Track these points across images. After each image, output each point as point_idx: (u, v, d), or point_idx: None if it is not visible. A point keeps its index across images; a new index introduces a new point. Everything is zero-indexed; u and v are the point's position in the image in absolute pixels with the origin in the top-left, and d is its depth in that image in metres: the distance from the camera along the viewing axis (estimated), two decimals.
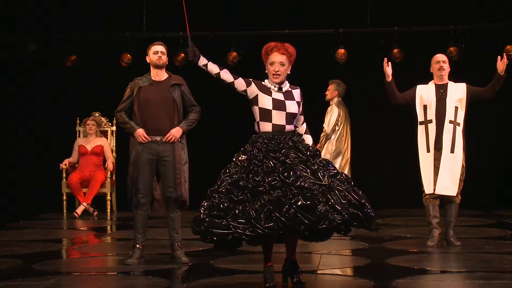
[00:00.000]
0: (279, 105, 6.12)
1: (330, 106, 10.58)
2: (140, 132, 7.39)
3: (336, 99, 10.56)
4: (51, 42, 12.41)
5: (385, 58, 8.45)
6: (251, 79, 6.21)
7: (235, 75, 6.22)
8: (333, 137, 10.43)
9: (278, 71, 6.15)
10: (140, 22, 12.06)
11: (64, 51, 12.31)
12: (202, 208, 5.94)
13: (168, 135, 7.40)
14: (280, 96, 6.15)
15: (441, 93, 8.31)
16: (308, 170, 5.89)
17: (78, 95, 12.27)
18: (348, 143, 10.56)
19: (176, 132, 7.43)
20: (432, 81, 8.42)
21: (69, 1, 11.83)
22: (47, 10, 11.90)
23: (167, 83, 7.51)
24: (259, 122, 6.15)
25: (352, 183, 5.94)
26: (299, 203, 5.70)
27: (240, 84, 6.19)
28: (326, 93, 10.61)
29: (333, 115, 10.48)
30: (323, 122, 10.41)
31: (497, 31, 11.73)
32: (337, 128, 10.50)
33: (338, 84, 10.51)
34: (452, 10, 11.68)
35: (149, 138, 7.39)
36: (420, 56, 9.23)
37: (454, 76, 8.46)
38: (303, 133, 6.33)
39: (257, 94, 6.16)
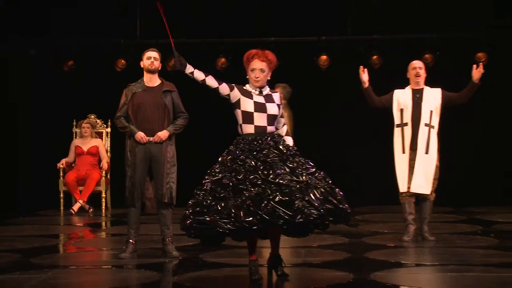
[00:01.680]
0: (260, 107, 6.15)
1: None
2: (141, 135, 7.41)
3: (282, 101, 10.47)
4: (50, 48, 12.37)
5: (361, 66, 8.47)
6: (233, 84, 6.25)
7: (219, 80, 6.26)
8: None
9: (258, 77, 6.19)
10: (134, 29, 12.05)
11: (61, 57, 12.30)
12: (188, 205, 6.00)
13: (155, 137, 7.42)
14: (261, 99, 6.19)
15: (417, 97, 8.33)
16: (287, 169, 5.92)
17: (75, 99, 12.24)
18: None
19: (162, 134, 7.46)
20: (409, 86, 8.44)
21: (67, 9, 11.79)
22: (46, 17, 11.87)
23: (160, 89, 7.53)
24: (242, 124, 6.17)
25: (330, 181, 5.98)
26: (277, 198, 5.74)
27: (224, 89, 6.23)
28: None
29: (289, 119, 10.43)
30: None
31: (469, 39, 11.78)
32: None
33: (284, 88, 10.47)
34: (427, 19, 11.72)
35: (148, 138, 7.41)
36: (398, 63, 9.25)
37: (430, 82, 8.48)
38: (283, 134, 6.36)
39: (239, 98, 6.19)
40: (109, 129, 12.04)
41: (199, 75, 6.26)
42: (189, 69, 6.27)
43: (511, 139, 11.97)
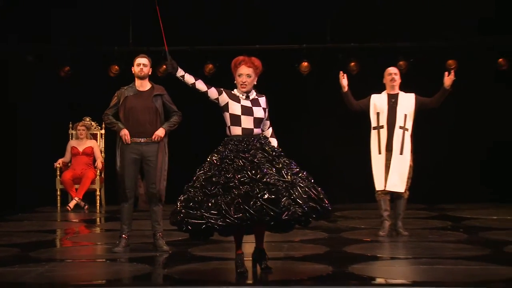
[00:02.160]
0: (247, 111, 6.16)
1: None
2: (125, 132, 7.40)
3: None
4: (48, 54, 12.35)
5: (341, 72, 8.48)
6: (222, 89, 6.26)
7: (209, 85, 6.27)
8: None
9: (245, 82, 6.20)
10: (127, 37, 12.03)
11: (58, 63, 12.28)
12: (179, 201, 6.01)
13: (154, 136, 7.41)
14: (247, 103, 6.19)
15: (392, 102, 8.36)
16: (273, 168, 5.93)
17: (71, 102, 12.21)
18: None
19: (160, 132, 7.46)
20: (385, 91, 8.46)
21: (65, 18, 11.77)
22: (44, 25, 11.84)
23: (150, 93, 7.53)
24: (230, 126, 6.18)
25: (312, 180, 5.99)
26: (265, 196, 5.75)
27: (212, 93, 6.24)
28: None
29: None
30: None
31: (440, 47, 11.83)
32: None
33: None
34: (402, 29, 11.75)
35: (129, 141, 7.39)
36: (374, 69, 9.28)
37: (404, 87, 8.51)
38: (269, 136, 6.37)
39: (228, 102, 6.20)
40: (103, 131, 12.02)
41: (189, 78, 6.28)
42: (180, 72, 6.29)
43: (480, 142, 12.02)
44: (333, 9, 11.64)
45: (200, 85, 6.27)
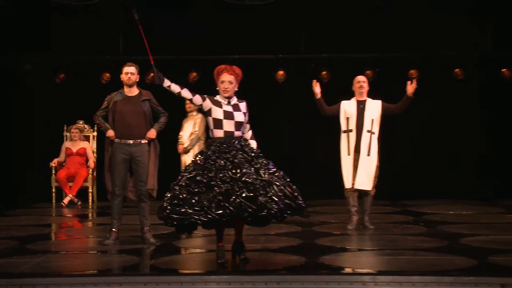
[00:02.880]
0: (228, 115, 6.17)
1: (197, 115, 10.45)
2: (111, 133, 7.41)
3: (196, 110, 10.50)
4: (44, 62, 12.31)
5: (314, 80, 8.51)
6: (205, 96, 6.26)
7: (193, 92, 6.27)
8: (201, 139, 10.46)
9: (227, 88, 6.20)
10: (117, 46, 12.00)
11: (54, 70, 12.25)
12: (165, 198, 6.00)
13: (146, 138, 7.44)
14: (229, 108, 6.20)
15: (360, 107, 8.39)
16: (252, 168, 5.94)
17: (65, 106, 12.18)
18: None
19: (151, 133, 7.46)
20: (354, 97, 8.48)
21: (60, 30, 11.73)
22: (43, 36, 11.81)
23: (138, 99, 7.51)
24: (213, 129, 6.19)
25: (288, 179, 6.01)
26: (244, 194, 5.76)
27: (197, 100, 6.25)
28: (190, 105, 10.41)
29: (202, 122, 10.46)
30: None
31: (402, 58, 11.90)
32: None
33: None
34: (369, 41, 11.81)
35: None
36: (344, 77, 9.31)
37: (371, 94, 8.55)
38: (249, 138, 6.37)
39: (211, 107, 6.21)
40: (95, 133, 12.01)
41: (175, 88, 6.28)
42: (166, 83, 6.28)
43: (438, 145, 12.10)
44: (306, 23, 11.67)
45: (186, 93, 6.28)
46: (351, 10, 11.30)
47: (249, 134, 6.42)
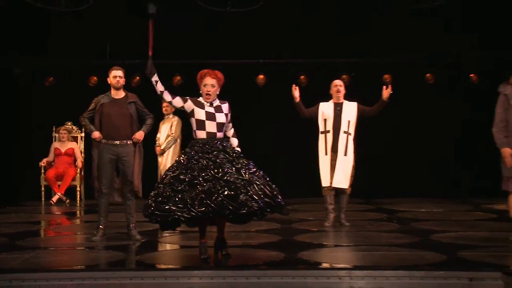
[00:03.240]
0: (210, 116, 6.16)
1: (173, 118, 10.53)
2: (97, 135, 7.39)
3: (172, 113, 10.56)
4: (34, 66, 12.26)
5: (293, 84, 8.54)
6: (187, 97, 6.26)
7: (173, 95, 6.29)
8: (178, 141, 10.49)
9: (209, 91, 6.21)
10: (104, 51, 11.96)
11: (43, 74, 12.21)
12: (150, 196, 6.01)
13: (134, 138, 7.42)
14: (211, 110, 6.20)
15: (337, 110, 8.41)
16: (233, 168, 5.94)
17: (54, 108, 12.13)
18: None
19: (139, 135, 7.46)
20: (331, 100, 8.51)
21: (50, 35, 11.68)
22: (33, 40, 11.76)
23: (125, 101, 7.50)
24: (196, 130, 6.18)
25: (267, 179, 6.02)
26: (225, 193, 5.76)
27: (177, 102, 6.25)
28: (166, 108, 10.49)
29: (178, 124, 10.52)
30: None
31: (377, 63, 11.96)
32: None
33: None
34: (345, 47, 11.85)
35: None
36: (322, 81, 9.34)
37: (348, 97, 8.58)
38: (231, 136, 6.37)
39: (193, 109, 6.20)
40: (83, 134, 11.96)
41: (159, 87, 6.30)
42: (155, 77, 6.30)
43: (410, 147, 12.17)
44: (286, 30, 11.69)
45: (167, 96, 6.29)
46: (328, 19, 11.34)
47: (231, 132, 6.42)
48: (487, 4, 10.71)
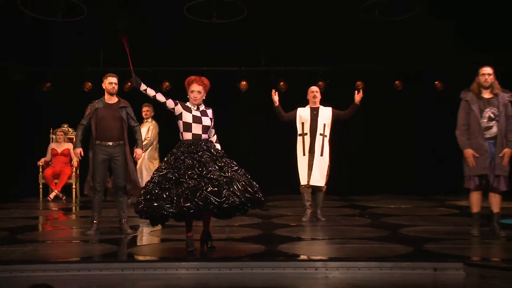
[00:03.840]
0: (197, 120, 6.16)
1: (150, 122, 10.60)
2: (77, 152, 7.49)
3: (151, 117, 10.59)
4: (32, 73, 12.20)
5: (273, 90, 8.55)
6: (177, 101, 6.25)
7: (166, 97, 6.27)
8: (154, 143, 10.51)
9: (196, 97, 6.21)
10: (98, 59, 11.92)
11: (41, 80, 12.16)
12: (140, 194, 5.98)
13: (137, 156, 7.57)
14: (198, 114, 6.20)
15: (314, 114, 8.43)
16: (217, 166, 5.94)
17: (52, 112, 12.08)
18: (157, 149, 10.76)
19: (140, 152, 7.60)
20: (308, 105, 8.52)
21: (47, 43, 11.61)
22: (32, 48, 11.70)
23: (117, 106, 7.50)
24: (183, 132, 6.17)
25: (249, 176, 6.02)
26: (209, 189, 5.76)
27: (170, 103, 6.24)
28: (146, 112, 10.55)
29: (155, 128, 10.59)
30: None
31: (350, 71, 12.01)
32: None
33: (149, 106, 10.55)
34: (321, 55, 11.89)
35: (79, 157, 7.53)
36: (299, 88, 9.35)
37: (323, 102, 8.60)
38: (214, 142, 6.38)
39: (181, 112, 6.19)
40: None
41: (151, 92, 6.27)
42: (143, 87, 6.28)
43: (382, 146, 12.23)
44: (267, 39, 11.72)
45: (160, 97, 6.27)
46: (306, 29, 11.36)
47: (214, 138, 6.42)
48: (452, 16, 10.79)
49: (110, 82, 7.48)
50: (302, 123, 8.44)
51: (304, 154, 8.40)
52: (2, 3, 9.85)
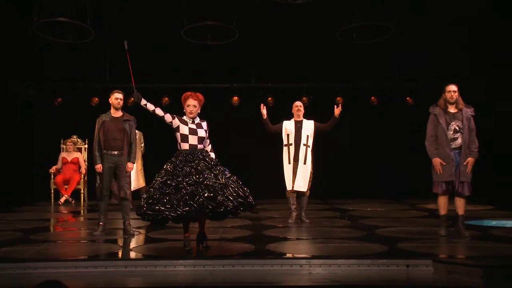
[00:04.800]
0: (193, 131, 6.16)
1: (137, 133, 10.55)
2: (97, 166, 7.37)
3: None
4: (44, 89, 12.18)
5: (262, 104, 8.56)
6: (174, 115, 6.26)
7: (165, 111, 6.27)
8: (139, 153, 10.58)
9: (192, 111, 6.21)
10: (105, 76, 11.91)
11: (53, 95, 12.14)
12: (142, 198, 5.96)
13: (128, 168, 7.41)
14: (193, 126, 6.20)
15: (298, 126, 8.45)
16: (212, 174, 5.94)
17: (62, 124, 12.04)
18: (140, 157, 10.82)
19: (132, 167, 7.47)
20: (293, 118, 8.54)
21: (58, 62, 11.60)
22: (46, 66, 11.69)
23: (122, 119, 7.49)
24: (180, 143, 6.17)
25: (240, 182, 6.02)
26: (205, 194, 5.75)
27: (168, 117, 6.23)
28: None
29: (140, 138, 10.74)
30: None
31: (331, 87, 12.05)
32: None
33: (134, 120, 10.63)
34: (304, 74, 11.93)
35: (101, 170, 7.36)
36: (285, 102, 9.37)
37: (306, 115, 8.62)
38: (209, 151, 6.37)
39: (179, 125, 6.19)
40: (86, 146, 11.90)
41: (150, 106, 6.27)
42: (143, 101, 6.29)
43: (359, 155, 12.26)
44: (256, 59, 11.75)
45: (159, 111, 6.26)
46: (291, 50, 11.41)
47: (209, 147, 6.42)
48: (422, 40, 10.87)
49: (116, 97, 7.47)
50: (288, 135, 8.46)
51: (289, 163, 8.41)
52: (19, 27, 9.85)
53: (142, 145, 10.70)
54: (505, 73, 10.37)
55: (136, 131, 10.58)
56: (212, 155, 6.34)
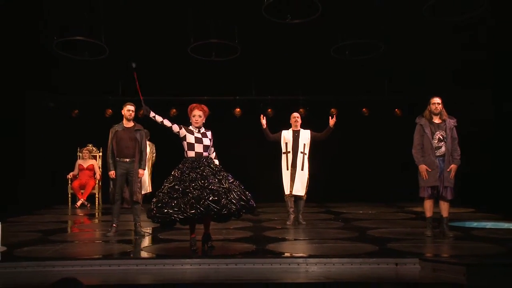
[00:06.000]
0: (198, 140, 6.18)
1: (149, 142, 10.71)
2: (111, 173, 7.38)
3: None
4: (63, 102, 12.22)
5: (262, 115, 8.59)
6: (181, 125, 6.27)
7: (172, 122, 6.28)
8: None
9: (197, 120, 6.23)
10: (117, 89, 11.94)
11: (70, 107, 12.18)
12: (152, 202, 5.98)
13: (139, 175, 7.40)
14: (199, 135, 6.22)
15: (295, 135, 8.46)
16: (216, 179, 5.95)
17: (79, 134, 12.07)
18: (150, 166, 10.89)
19: (142, 173, 7.46)
20: (291, 128, 8.56)
21: (75, 76, 11.63)
22: (64, 81, 11.73)
23: (133, 129, 7.51)
24: (187, 151, 6.19)
25: (242, 187, 6.04)
26: (210, 198, 5.76)
27: (175, 128, 6.25)
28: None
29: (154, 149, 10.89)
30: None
31: (326, 100, 12.08)
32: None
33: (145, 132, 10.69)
34: (302, 87, 11.96)
35: (114, 177, 7.36)
36: (283, 113, 9.39)
37: (303, 125, 8.63)
38: (213, 158, 6.39)
39: (185, 134, 6.21)
40: (100, 153, 11.92)
41: (158, 118, 6.28)
42: (152, 114, 6.29)
43: (353, 162, 12.26)
44: (257, 74, 11.78)
45: (166, 122, 6.27)
46: (289, 65, 11.43)
47: (213, 155, 6.44)
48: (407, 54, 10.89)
49: (128, 109, 7.51)
50: (286, 143, 8.47)
51: (287, 169, 8.42)
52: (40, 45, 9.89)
53: (154, 155, 10.77)
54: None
55: (148, 142, 10.67)
56: (216, 161, 6.35)
